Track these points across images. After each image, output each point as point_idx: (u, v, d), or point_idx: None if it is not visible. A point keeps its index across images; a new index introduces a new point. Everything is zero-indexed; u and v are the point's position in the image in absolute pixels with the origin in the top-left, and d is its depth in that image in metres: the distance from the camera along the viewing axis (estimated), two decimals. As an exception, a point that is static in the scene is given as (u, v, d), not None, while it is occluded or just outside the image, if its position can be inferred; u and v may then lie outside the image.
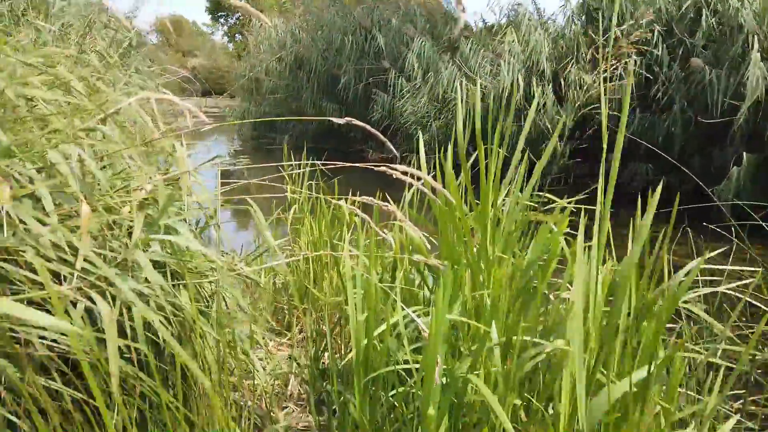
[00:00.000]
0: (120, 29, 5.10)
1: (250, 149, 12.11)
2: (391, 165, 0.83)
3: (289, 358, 1.87)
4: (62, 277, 0.85)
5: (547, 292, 1.40)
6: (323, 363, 1.98)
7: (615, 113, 6.37)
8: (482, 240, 1.21)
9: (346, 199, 2.63)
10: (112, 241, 0.94)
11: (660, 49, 6.73)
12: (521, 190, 1.28)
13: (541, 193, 1.35)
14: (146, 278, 0.91)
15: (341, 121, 0.88)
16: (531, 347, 0.99)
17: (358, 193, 2.77)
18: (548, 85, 7.02)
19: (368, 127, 0.90)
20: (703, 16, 6.44)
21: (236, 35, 35.94)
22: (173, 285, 1.05)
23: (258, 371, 1.72)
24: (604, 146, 0.87)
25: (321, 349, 1.87)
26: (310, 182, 2.76)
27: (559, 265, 1.35)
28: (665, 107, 6.66)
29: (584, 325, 0.92)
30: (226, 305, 1.12)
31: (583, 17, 7.57)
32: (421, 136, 1.57)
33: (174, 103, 0.83)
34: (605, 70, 5.96)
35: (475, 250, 1.33)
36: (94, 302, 0.80)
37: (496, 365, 1.02)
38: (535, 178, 1.25)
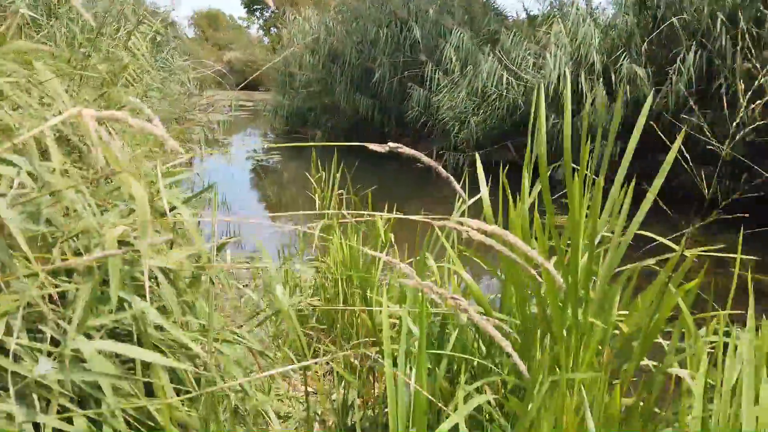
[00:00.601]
0: (153, 23, 4.92)
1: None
2: (464, 220, 0.53)
3: (310, 412, 1.58)
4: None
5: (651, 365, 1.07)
6: (351, 409, 1.69)
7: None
8: (571, 299, 0.89)
9: (380, 215, 2.33)
10: (51, 318, 0.65)
11: (723, 40, 6.17)
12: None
13: (653, 236, 1.02)
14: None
15: (382, 148, 0.58)
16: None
17: (395, 207, 2.46)
18: (598, 79, 6.54)
19: (422, 156, 0.60)
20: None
21: (271, 29, 36.01)
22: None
23: (272, 421, 1.45)
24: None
25: (349, 400, 1.57)
26: (341, 191, 2.47)
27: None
28: (728, 104, 6.10)
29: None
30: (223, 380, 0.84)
31: (637, 6, 7.03)
32: (480, 165, 1.25)
33: (135, 124, 0.54)
34: None
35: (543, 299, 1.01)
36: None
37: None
38: (641, 215, 0.92)
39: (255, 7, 39.98)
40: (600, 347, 0.92)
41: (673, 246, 1.01)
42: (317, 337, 2.10)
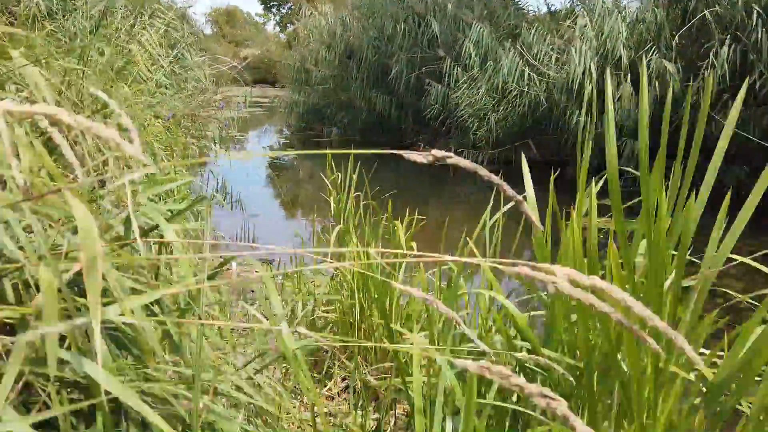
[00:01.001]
0: (166, 15, 4.81)
1: (297, 142, 11.83)
2: (547, 266, 0.35)
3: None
4: None
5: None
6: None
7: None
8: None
9: (400, 218, 2.16)
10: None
11: (759, 33, 5.86)
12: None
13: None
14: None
15: (424, 159, 0.42)
16: None
17: (416, 211, 2.28)
18: (625, 75, 6.27)
19: (481, 169, 0.43)
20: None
21: (288, 25, 35.96)
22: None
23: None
24: None
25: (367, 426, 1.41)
26: (358, 193, 2.30)
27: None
28: (764, 100, 5.81)
29: None
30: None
31: (666, -1, 6.74)
32: (525, 167, 1.07)
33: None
34: None
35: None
36: None
37: None
38: (740, 227, 0.74)
39: (272, 3, 39.98)
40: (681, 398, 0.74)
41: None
42: (332, 353, 1.94)
